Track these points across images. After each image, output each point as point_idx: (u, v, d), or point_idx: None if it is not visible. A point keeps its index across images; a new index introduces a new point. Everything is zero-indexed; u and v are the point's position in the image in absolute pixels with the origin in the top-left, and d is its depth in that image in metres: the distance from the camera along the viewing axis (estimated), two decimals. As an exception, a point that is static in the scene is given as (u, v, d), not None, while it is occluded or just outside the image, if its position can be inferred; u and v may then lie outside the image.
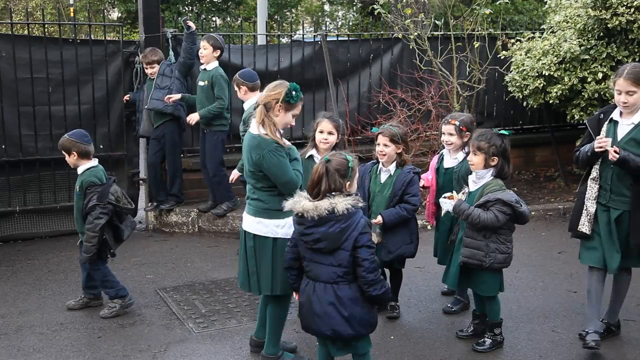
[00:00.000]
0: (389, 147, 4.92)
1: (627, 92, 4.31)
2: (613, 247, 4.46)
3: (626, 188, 4.37)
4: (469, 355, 4.57)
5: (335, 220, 3.61)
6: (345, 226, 3.61)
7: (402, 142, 4.96)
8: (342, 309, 3.67)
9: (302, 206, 3.66)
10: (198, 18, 14.96)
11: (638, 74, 4.31)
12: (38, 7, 17.37)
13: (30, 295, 5.60)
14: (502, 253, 4.45)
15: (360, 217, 3.67)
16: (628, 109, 4.36)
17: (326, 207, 3.60)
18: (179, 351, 4.64)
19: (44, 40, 7.13)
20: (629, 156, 4.25)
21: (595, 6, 7.43)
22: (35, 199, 7.13)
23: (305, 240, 3.71)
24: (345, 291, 3.68)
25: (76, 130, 5.30)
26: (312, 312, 3.75)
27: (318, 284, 3.73)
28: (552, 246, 6.79)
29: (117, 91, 7.46)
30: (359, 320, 3.71)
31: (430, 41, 8.15)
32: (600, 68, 7.60)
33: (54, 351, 4.64)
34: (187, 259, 6.51)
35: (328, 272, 3.69)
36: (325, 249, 3.66)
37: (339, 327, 3.69)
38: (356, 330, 3.72)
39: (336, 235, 3.61)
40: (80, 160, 5.14)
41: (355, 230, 3.63)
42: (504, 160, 4.49)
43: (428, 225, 7.38)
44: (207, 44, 6.91)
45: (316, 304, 3.72)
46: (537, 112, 9.55)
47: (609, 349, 4.63)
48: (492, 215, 4.36)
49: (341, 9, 22.49)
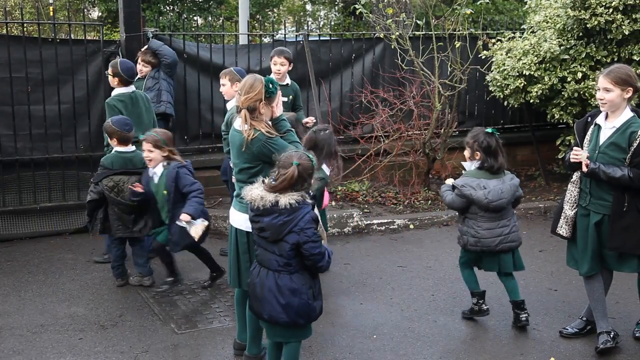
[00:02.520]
0: (153, 152, 5.36)
1: (605, 89, 4.37)
2: (585, 252, 4.54)
3: (606, 193, 4.42)
4: (452, 354, 4.60)
5: (278, 213, 3.73)
6: (287, 220, 3.73)
7: (166, 146, 5.37)
8: (280, 297, 3.81)
9: (251, 195, 3.80)
10: (179, 17, 14.89)
11: (619, 74, 4.37)
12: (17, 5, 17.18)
13: (10, 297, 5.54)
14: (472, 236, 4.89)
15: (306, 212, 3.76)
16: (605, 107, 4.42)
17: (271, 199, 3.74)
18: (161, 352, 4.61)
19: (23, 40, 7.06)
20: (598, 168, 4.33)
21: (574, 6, 7.50)
22: (15, 199, 7.05)
23: (253, 227, 3.89)
24: (285, 280, 3.82)
25: (120, 117, 5.71)
26: (255, 295, 3.91)
27: (263, 269, 3.90)
28: (533, 245, 6.85)
29: (97, 91, 7.40)
30: (296, 310, 3.82)
31: (411, 41, 8.17)
32: (580, 68, 7.67)
33: (34, 353, 4.60)
34: (169, 259, 6.47)
35: (271, 259, 3.84)
36: (269, 239, 3.81)
37: (275, 313, 3.83)
38: (292, 318, 3.84)
39: (278, 227, 3.75)
40: (119, 145, 5.62)
41: (298, 226, 3.73)
42: (486, 155, 4.92)
43: (410, 224, 7.41)
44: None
45: (259, 288, 3.89)
46: (518, 112, 9.61)
47: (589, 345, 4.68)
48: (450, 198, 4.94)
49: (323, 8, 22.48)
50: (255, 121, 4.02)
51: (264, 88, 4.02)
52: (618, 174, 4.29)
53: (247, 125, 4.01)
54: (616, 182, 4.31)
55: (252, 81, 4.06)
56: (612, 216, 4.40)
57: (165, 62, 7.10)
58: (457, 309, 5.30)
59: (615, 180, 4.30)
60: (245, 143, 4.02)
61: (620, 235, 4.38)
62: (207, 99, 8.14)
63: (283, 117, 4.19)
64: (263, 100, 4.02)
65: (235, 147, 4.14)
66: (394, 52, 8.38)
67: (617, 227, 4.38)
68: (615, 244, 4.42)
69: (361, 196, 8.10)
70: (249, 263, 4.19)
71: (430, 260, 6.45)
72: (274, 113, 4.14)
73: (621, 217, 4.36)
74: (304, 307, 3.83)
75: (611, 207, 4.40)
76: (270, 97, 4.05)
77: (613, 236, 4.40)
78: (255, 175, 4.08)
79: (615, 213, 4.38)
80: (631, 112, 4.41)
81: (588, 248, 4.53)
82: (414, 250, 6.74)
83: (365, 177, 8.38)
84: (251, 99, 4.01)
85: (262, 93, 4.01)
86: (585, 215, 4.55)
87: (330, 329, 4.95)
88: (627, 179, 4.27)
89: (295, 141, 4.15)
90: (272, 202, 3.73)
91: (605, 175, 4.31)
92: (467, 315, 5.14)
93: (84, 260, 6.36)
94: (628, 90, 4.37)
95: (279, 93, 4.13)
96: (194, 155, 8.11)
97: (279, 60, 6.66)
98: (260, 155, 4.04)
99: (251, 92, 4.02)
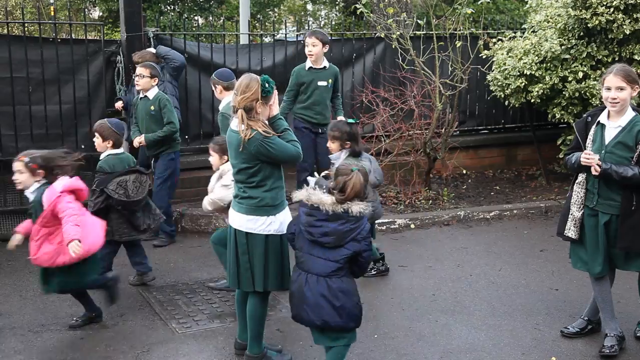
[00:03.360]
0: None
1: (617, 87, 4.35)
2: (597, 253, 4.51)
3: (614, 192, 4.40)
4: (453, 354, 4.60)
5: (346, 220, 3.80)
6: (354, 227, 3.82)
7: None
8: (334, 300, 3.84)
9: (320, 199, 3.83)
10: (180, 17, 14.89)
11: (629, 72, 4.38)
12: (18, 5, 17.19)
13: (11, 297, 5.54)
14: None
15: (366, 222, 3.88)
16: (617, 106, 4.37)
17: (344, 205, 3.80)
18: (162, 352, 4.61)
19: (24, 40, 7.06)
20: (610, 168, 4.30)
21: (575, 6, 7.50)
22: (16, 199, 7.05)
23: (312, 232, 3.86)
24: (337, 283, 3.86)
25: (117, 121, 5.62)
26: (303, 302, 3.89)
27: (310, 276, 3.89)
28: (534, 244, 6.84)
29: (98, 91, 7.41)
30: (348, 312, 3.87)
31: (412, 40, 8.17)
32: (581, 67, 7.67)
33: (36, 352, 4.60)
34: (169, 259, 6.47)
35: (322, 265, 3.86)
36: (329, 244, 3.83)
37: (329, 317, 3.85)
38: (345, 321, 3.88)
39: (344, 234, 3.81)
40: (114, 147, 5.49)
41: (360, 234, 3.83)
42: (354, 142, 5.45)
43: (411, 224, 7.41)
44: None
45: (310, 295, 3.86)
46: (519, 111, 9.61)
47: (590, 345, 4.68)
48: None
49: (324, 8, 22.48)
50: (252, 121, 4.01)
51: (260, 87, 4.00)
52: (630, 173, 4.27)
53: (243, 126, 4.00)
54: (628, 181, 4.29)
55: (247, 81, 4.05)
56: (621, 216, 4.38)
57: (174, 65, 7.11)
58: (457, 309, 5.30)
59: (627, 179, 4.28)
60: (242, 143, 4.01)
61: (629, 235, 4.36)
62: (208, 99, 8.14)
63: (280, 116, 4.18)
64: (260, 100, 4.01)
65: (233, 147, 4.13)
66: (394, 51, 8.38)
67: (626, 227, 4.36)
68: (624, 244, 4.40)
69: (362, 196, 8.08)
70: (249, 264, 4.18)
71: (431, 259, 6.45)
72: (271, 112, 4.13)
73: (630, 217, 4.35)
74: (356, 309, 3.92)
75: (620, 206, 4.39)
76: (266, 97, 4.04)
77: (622, 236, 4.38)
78: (254, 175, 4.08)
79: (625, 212, 4.36)
80: (633, 111, 4.41)
81: (600, 249, 4.49)
82: (415, 250, 6.74)
83: (366, 177, 8.36)
84: (247, 99, 3.99)
85: (258, 92, 3.99)
86: (592, 215, 4.52)
87: (331, 328, 4.95)
88: (638, 178, 4.26)
89: (293, 140, 4.14)
90: (345, 208, 3.80)
91: (617, 175, 4.29)
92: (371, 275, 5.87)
93: (85, 260, 6.36)
94: (635, 88, 4.38)
95: (275, 92, 4.12)
96: (194, 155, 8.12)
97: (310, 40, 6.62)
98: (257, 155, 4.02)
99: (247, 91, 4.00)
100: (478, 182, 9.18)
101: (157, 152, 6.73)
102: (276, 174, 4.16)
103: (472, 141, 9.57)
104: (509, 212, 7.86)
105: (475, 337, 4.85)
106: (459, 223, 7.62)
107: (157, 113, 6.57)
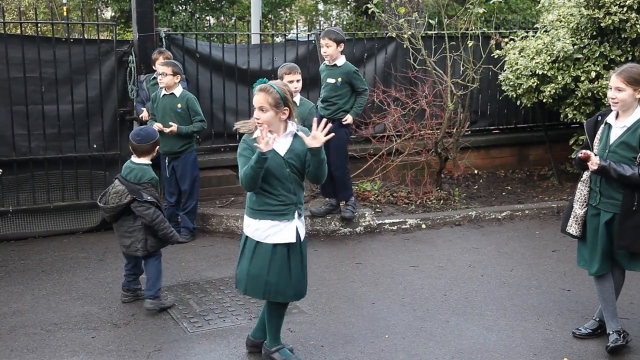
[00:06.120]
0: None
1: (617, 88, 4.36)
2: (595, 252, 4.53)
3: (616, 191, 4.40)
4: (464, 354, 4.59)
5: None
6: None
7: None
8: None
9: None
10: (192, 17, 14.93)
11: (631, 74, 4.35)
12: (31, 6, 17.31)
13: (24, 296, 5.58)
14: None
15: None
16: (617, 106, 4.40)
17: None
18: (173, 351, 4.63)
19: (37, 40, 7.10)
20: (609, 165, 4.30)
21: (588, 5, 7.45)
22: (29, 198, 7.10)
23: None
24: None
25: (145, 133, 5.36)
26: None
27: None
28: (546, 245, 6.81)
29: (110, 90, 7.43)
30: None
31: (424, 40, 8.15)
32: (594, 67, 7.62)
33: (48, 351, 4.63)
34: (181, 258, 6.49)
35: None
36: None
37: None
38: None
39: None
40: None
41: None
42: None
43: (422, 224, 7.40)
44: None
45: None
46: (531, 111, 9.58)
47: (602, 346, 4.64)
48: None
49: (335, 8, 22.50)
50: None
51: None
52: (629, 172, 4.27)
53: None
54: (627, 180, 4.29)
55: None
56: (621, 215, 4.38)
57: None
58: (469, 309, 5.28)
59: (625, 178, 4.28)
60: None
61: (629, 234, 4.36)
62: (219, 99, 8.16)
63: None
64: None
65: None
66: (406, 51, 8.37)
67: (627, 226, 4.36)
68: (623, 243, 4.40)
69: (373, 196, 8.08)
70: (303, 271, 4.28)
71: (442, 260, 6.43)
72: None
73: (631, 216, 4.34)
74: None
75: (621, 205, 4.38)
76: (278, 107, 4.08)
77: (622, 234, 4.38)
78: None
79: (625, 212, 4.36)
80: None
81: (598, 248, 4.52)
82: (426, 250, 6.72)
83: (377, 177, 8.37)
84: None
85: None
86: (595, 214, 4.53)
87: (342, 328, 4.95)
88: (637, 178, 4.26)
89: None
90: None
91: (615, 172, 4.29)
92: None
93: (96, 259, 6.40)
94: (639, 90, 4.35)
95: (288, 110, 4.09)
96: (206, 155, 8.14)
97: (324, 42, 6.81)
98: None
99: None
100: (489, 182, 9.15)
101: (179, 150, 6.84)
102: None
103: (483, 141, 9.53)
104: (520, 213, 7.83)
105: (487, 337, 4.83)
106: (471, 223, 7.60)
107: (185, 112, 6.76)
